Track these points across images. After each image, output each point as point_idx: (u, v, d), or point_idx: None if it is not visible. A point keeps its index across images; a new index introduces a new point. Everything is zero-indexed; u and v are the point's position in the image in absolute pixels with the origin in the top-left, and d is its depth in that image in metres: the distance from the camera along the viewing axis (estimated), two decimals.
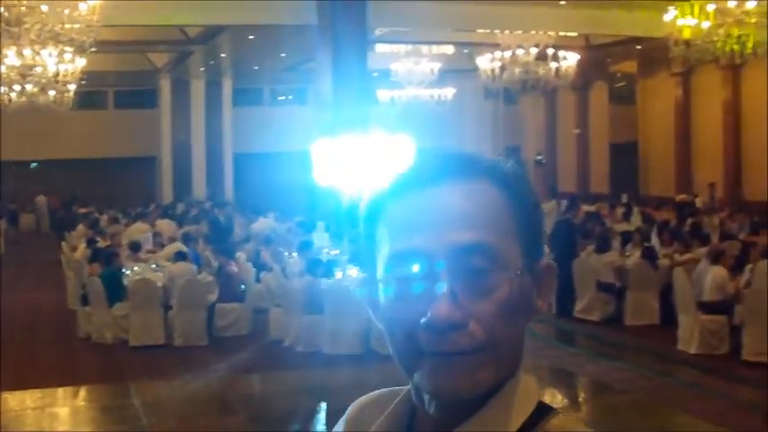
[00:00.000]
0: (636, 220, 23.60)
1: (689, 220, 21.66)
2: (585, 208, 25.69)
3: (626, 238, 18.08)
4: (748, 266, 13.78)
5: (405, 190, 1.41)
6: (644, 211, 24.65)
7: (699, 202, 27.01)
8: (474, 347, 1.34)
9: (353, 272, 14.55)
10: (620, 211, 25.96)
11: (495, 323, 1.34)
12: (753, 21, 18.05)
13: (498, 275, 1.35)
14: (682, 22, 18.46)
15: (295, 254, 17.15)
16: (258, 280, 16.57)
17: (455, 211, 1.37)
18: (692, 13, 18.25)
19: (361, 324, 13.66)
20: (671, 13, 18.56)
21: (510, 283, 1.36)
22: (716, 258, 14.11)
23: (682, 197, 28.11)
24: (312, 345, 13.96)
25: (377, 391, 1.62)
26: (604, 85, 34.81)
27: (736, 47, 18.46)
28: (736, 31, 18.25)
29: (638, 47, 30.93)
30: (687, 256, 16.25)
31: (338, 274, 14.61)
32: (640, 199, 29.96)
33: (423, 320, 1.34)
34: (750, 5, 17.56)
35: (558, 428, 1.40)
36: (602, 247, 17.23)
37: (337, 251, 16.95)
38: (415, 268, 1.36)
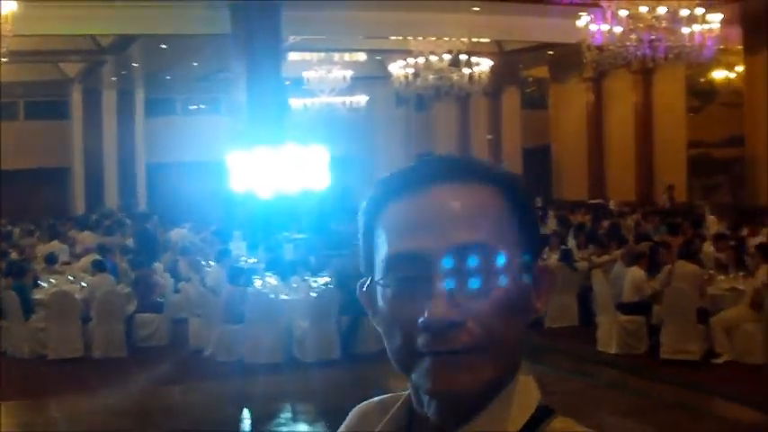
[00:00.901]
0: (551, 224, 23.81)
1: (605, 223, 21.93)
2: None
3: (543, 241, 18.19)
4: (666, 267, 13.94)
5: (403, 191, 1.42)
6: (559, 213, 24.88)
7: (613, 205, 27.35)
8: (472, 347, 1.34)
9: (272, 280, 14.48)
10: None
11: (493, 323, 1.34)
12: (663, 26, 18.37)
13: (496, 276, 1.36)
14: (594, 28, 18.70)
15: (213, 263, 17.04)
16: (176, 290, 16.43)
17: (453, 211, 1.38)
18: (604, 19, 18.51)
19: (282, 332, 13.63)
20: (583, 19, 18.78)
21: (508, 283, 1.36)
22: (633, 259, 14.29)
23: (595, 201, 28.47)
24: (232, 354, 13.80)
25: (379, 397, 1.61)
26: (516, 91, 35.07)
27: (648, 51, 18.77)
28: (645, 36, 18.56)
29: (550, 52, 31.28)
30: (605, 257, 16.43)
31: (257, 283, 14.51)
32: (553, 202, 30.29)
33: (421, 320, 1.34)
34: (661, 11, 17.84)
35: (560, 430, 1.40)
36: None
37: (254, 260, 16.86)
38: (414, 268, 1.36)
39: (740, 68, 25.36)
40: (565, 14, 23.14)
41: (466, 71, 26.31)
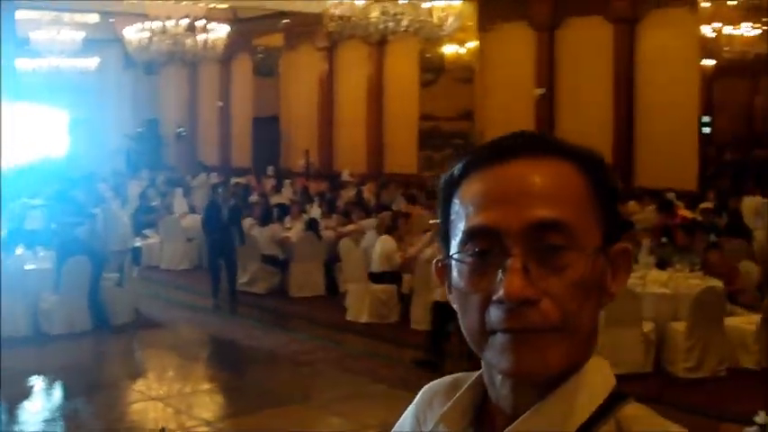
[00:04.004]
0: (287, 193, 23.91)
1: (343, 193, 22.19)
2: (235, 180, 25.77)
3: (283, 210, 18.24)
4: (427, 235, 14.09)
5: (481, 165, 1.41)
6: (296, 182, 25.01)
7: (345, 176, 27.64)
8: (546, 326, 1.33)
9: (19, 250, 13.81)
10: (269, 183, 26.19)
11: (568, 302, 1.33)
12: (407, 0, 18.68)
13: (573, 253, 1.35)
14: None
15: None
16: None
17: (533, 186, 1.36)
18: None
19: (30, 305, 13.05)
20: None
21: (585, 262, 1.35)
22: (386, 230, 14.47)
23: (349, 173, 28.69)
24: None
25: (452, 375, 1.58)
26: (249, 59, 34.83)
27: (390, 24, 19.04)
28: (390, 9, 18.82)
29: (285, 21, 31.22)
30: (350, 227, 16.58)
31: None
32: (282, 172, 30.35)
33: (495, 296, 1.33)
34: None
35: (632, 417, 1.38)
36: (264, 220, 17.31)
37: None
38: (490, 243, 1.35)
39: (470, 45, 26.06)
40: None
41: (201, 37, 25.91)
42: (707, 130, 21.60)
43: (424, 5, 18.86)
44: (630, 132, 23.07)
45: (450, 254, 1.41)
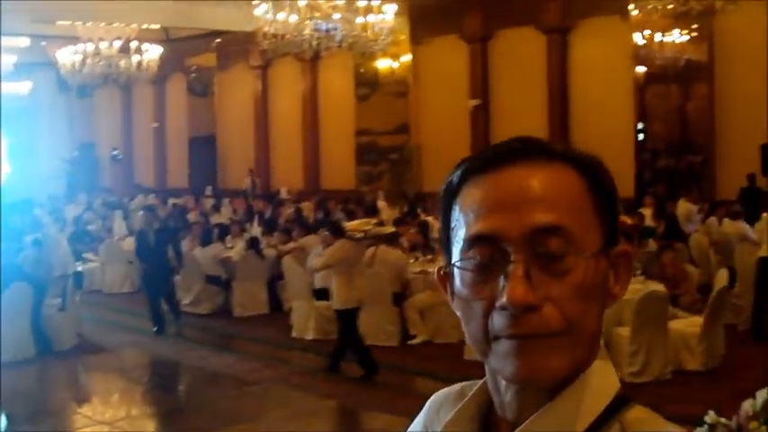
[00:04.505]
0: (227, 212, 23.85)
1: (286, 210, 22.17)
2: (173, 201, 25.67)
3: (223, 229, 18.20)
4: (370, 250, 14.14)
5: (480, 171, 1.41)
6: (235, 202, 24.95)
7: (284, 194, 27.60)
8: (550, 331, 1.33)
9: None
10: (208, 203, 26.11)
11: (570, 307, 1.34)
12: (340, 16, 18.71)
13: (574, 258, 1.35)
14: (270, 17, 18.79)
15: None
16: None
17: (531, 192, 1.36)
18: (281, 7, 18.63)
19: None
20: (261, 8, 18.83)
21: (586, 266, 1.35)
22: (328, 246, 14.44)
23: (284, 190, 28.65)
24: None
25: (459, 383, 1.59)
26: (182, 79, 34.68)
27: (324, 39, 19.08)
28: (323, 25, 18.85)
29: (218, 40, 31.18)
30: (292, 244, 16.54)
31: None
32: (220, 192, 30.26)
33: (498, 303, 1.33)
34: (338, 2, 18.16)
35: (636, 421, 1.39)
36: (206, 240, 17.26)
37: None
38: (491, 250, 1.35)
39: (405, 58, 26.20)
40: (237, 2, 23.20)
41: (134, 58, 25.80)
42: (641, 136, 21.87)
43: (358, 20, 18.90)
44: (566, 140, 23.29)
45: (452, 261, 1.41)
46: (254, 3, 19.40)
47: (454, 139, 25.00)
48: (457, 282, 1.40)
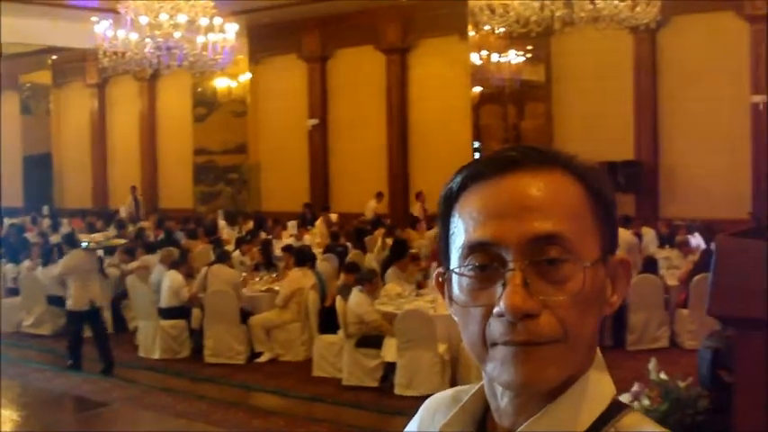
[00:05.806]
0: (66, 231, 23.42)
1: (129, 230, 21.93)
2: (9, 221, 25.10)
3: (58, 249, 17.88)
4: (203, 270, 14.23)
5: (479, 178, 1.42)
6: (73, 221, 24.57)
7: (123, 212, 27.24)
8: (547, 338, 1.34)
9: None
10: (45, 222, 25.62)
11: (568, 314, 1.34)
12: (180, 34, 18.63)
13: (572, 266, 1.36)
14: (111, 33, 18.61)
15: None
16: None
17: (530, 199, 1.37)
18: (121, 25, 18.48)
19: None
20: (102, 25, 18.64)
21: (584, 274, 1.36)
22: (173, 264, 14.44)
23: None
24: None
25: (453, 388, 1.62)
26: (16, 96, 33.92)
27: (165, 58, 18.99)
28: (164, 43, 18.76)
29: (54, 57, 30.64)
30: (134, 263, 16.40)
31: None
32: (56, 211, 29.67)
33: (496, 309, 1.34)
34: (181, 19, 18.10)
35: (631, 427, 1.40)
36: (47, 260, 16.98)
37: None
38: (490, 257, 1.36)
39: (243, 78, 26.25)
40: (75, 19, 22.86)
41: None
42: (477, 155, 22.34)
43: (199, 39, 18.86)
44: (405, 158, 23.68)
45: (451, 268, 1.41)
46: (92, 19, 19.19)
47: (292, 158, 25.23)
48: (455, 288, 1.41)
